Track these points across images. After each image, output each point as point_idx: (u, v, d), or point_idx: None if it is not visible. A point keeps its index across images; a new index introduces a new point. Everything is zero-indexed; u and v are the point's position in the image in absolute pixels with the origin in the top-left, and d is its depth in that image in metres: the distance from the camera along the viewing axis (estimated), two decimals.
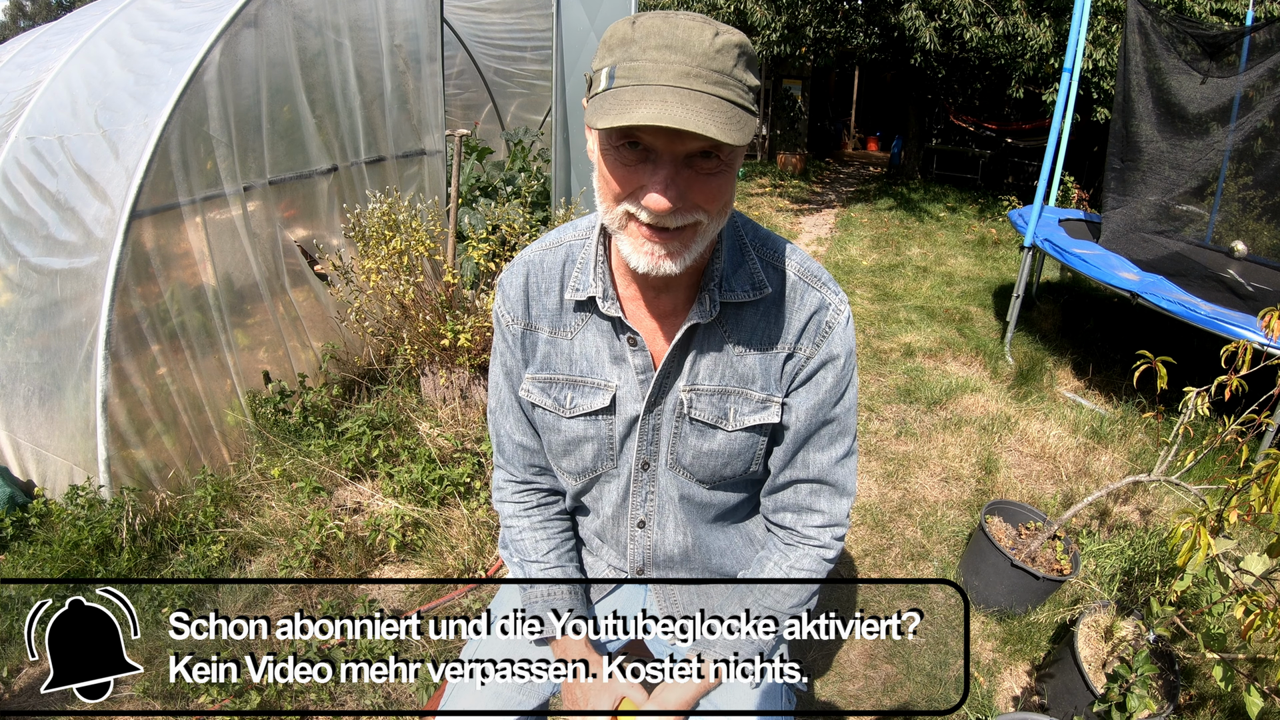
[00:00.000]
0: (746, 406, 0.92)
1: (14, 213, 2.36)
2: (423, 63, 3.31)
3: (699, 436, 0.93)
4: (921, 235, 6.81)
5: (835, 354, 0.91)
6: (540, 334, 0.95)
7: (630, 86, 0.69)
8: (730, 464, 0.96)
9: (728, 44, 0.70)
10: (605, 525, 1.05)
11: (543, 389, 0.96)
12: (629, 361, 0.92)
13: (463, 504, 2.41)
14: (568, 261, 0.93)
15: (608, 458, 0.97)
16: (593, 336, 0.93)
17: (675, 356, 0.90)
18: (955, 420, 3.26)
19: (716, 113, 0.67)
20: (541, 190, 4.18)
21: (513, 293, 0.95)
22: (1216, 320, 2.86)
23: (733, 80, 0.70)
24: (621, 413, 0.94)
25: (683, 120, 0.65)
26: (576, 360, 0.94)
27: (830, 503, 0.98)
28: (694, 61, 0.68)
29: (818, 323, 0.90)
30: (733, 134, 0.67)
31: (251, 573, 2.23)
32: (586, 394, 0.94)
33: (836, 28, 7.74)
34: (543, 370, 0.96)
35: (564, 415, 0.95)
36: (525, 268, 0.95)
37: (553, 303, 0.94)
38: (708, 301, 0.87)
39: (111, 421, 2.26)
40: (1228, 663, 1.50)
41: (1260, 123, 3.61)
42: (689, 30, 0.69)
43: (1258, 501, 1.33)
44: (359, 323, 2.88)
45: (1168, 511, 2.63)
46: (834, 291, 0.91)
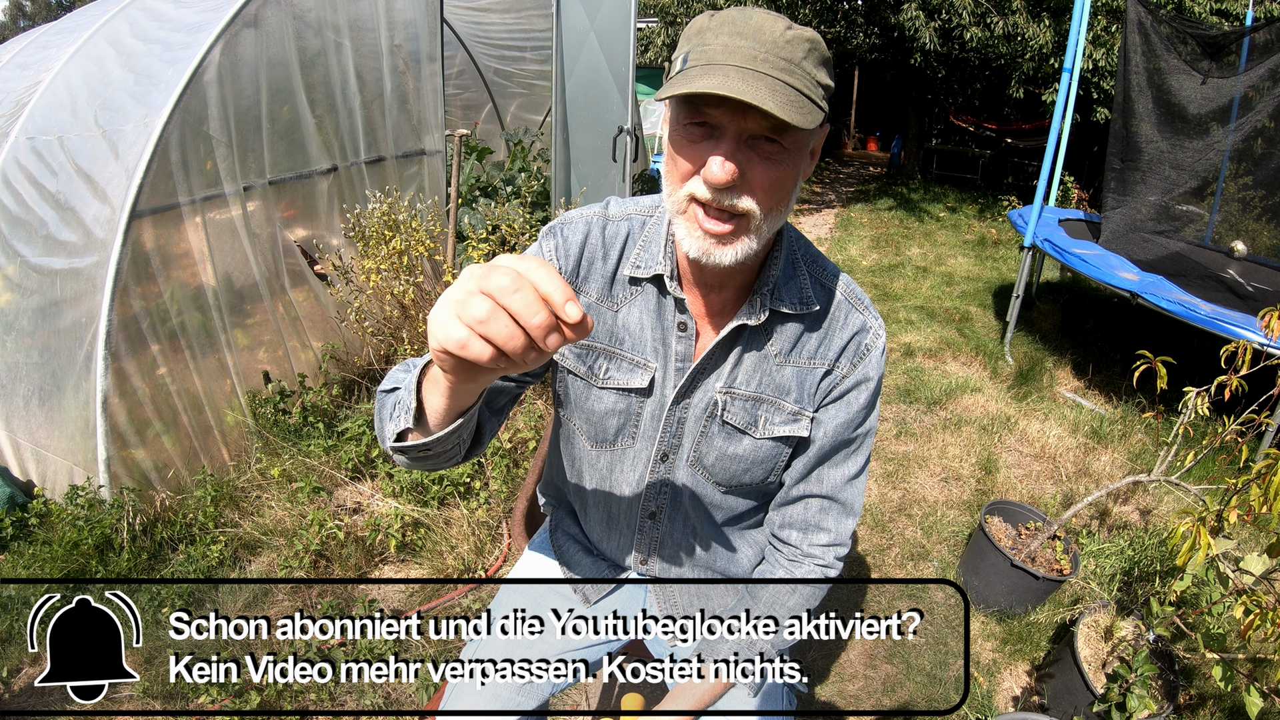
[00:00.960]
0: (778, 416, 0.93)
1: (14, 213, 2.36)
2: (423, 63, 3.31)
3: (726, 439, 0.94)
4: (921, 235, 6.81)
5: (869, 376, 0.93)
6: (585, 299, 0.93)
7: (699, 66, 0.72)
8: (751, 471, 0.96)
9: (799, 37, 0.73)
10: (617, 511, 1.04)
11: (579, 355, 0.95)
12: (671, 347, 0.92)
13: (463, 504, 2.41)
14: (630, 236, 0.93)
15: (630, 435, 0.97)
16: (639, 314, 0.92)
17: (716, 354, 0.91)
18: (955, 420, 3.26)
19: (778, 93, 0.69)
20: (541, 190, 4.18)
21: (571, 247, 0.93)
22: (1216, 320, 2.86)
23: (800, 71, 0.72)
24: (654, 396, 0.94)
25: (741, 91, 0.68)
26: (618, 333, 0.93)
27: (837, 521, 0.99)
28: (763, 48, 0.71)
29: (857, 344, 0.92)
30: (792, 114, 0.69)
31: (251, 573, 2.23)
32: (624, 369, 0.93)
33: (836, 28, 7.74)
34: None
35: (595, 384, 0.94)
36: (586, 227, 0.94)
37: (606, 271, 0.93)
38: (758, 304, 0.88)
39: (111, 421, 2.26)
40: (1228, 663, 1.50)
41: (1260, 123, 3.61)
42: (762, 20, 0.72)
43: (1258, 501, 1.33)
44: (359, 323, 2.88)
45: (1168, 511, 2.63)
46: (875, 316, 0.94)
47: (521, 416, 2.77)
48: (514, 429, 2.69)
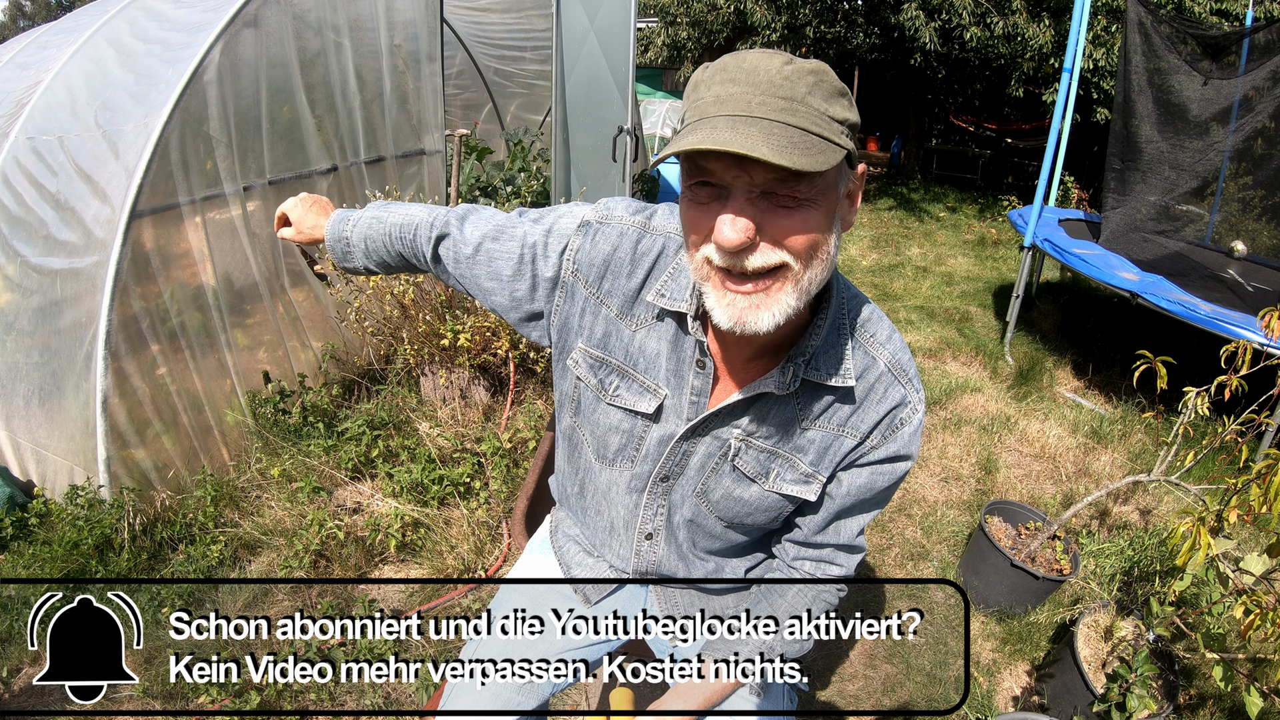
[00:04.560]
0: (790, 474, 0.90)
1: (14, 213, 2.36)
2: (422, 63, 3.31)
3: (735, 482, 0.92)
4: (921, 235, 6.81)
5: (902, 454, 0.89)
6: (606, 310, 0.90)
7: (692, 123, 0.67)
8: (754, 516, 0.95)
9: (799, 71, 0.66)
10: (614, 526, 1.04)
11: (591, 367, 0.92)
12: (687, 380, 0.87)
13: (463, 504, 2.41)
14: (663, 254, 0.87)
15: (630, 457, 0.95)
16: (656, 340, 0.88)
17: (735, 409, 0.87)
18: (955, 420, 3.26)
19: (774, 136, 0.63)
20: (541, 190, 4.18)
21: (595, 256, 0.88)
22: (1216, 320, 2.86)
23: (804, 107, 0.65)
24: (661, 424, 0.91)
25: (728, 142, 0.61)
26: (634, 354, 0.90)
27: (848, 558, 1.00)
28: (757, 91, 0.65)
29: (893, 418, 0.87)
30: (795, 157, 0.62)
31: (251, 573, 2.23)
32: (634, 390, 0.90)
33: (837, 28, 7.73)
34: (599, 348, 0.91)
35: (603, 399, 0.92)
36: (618, 239, 0.88)
37: (629, 289, 0.88)
38: (790, 374, 0.82)
39: (111, 421, 2.26)
40: (1227, 663, 1.50)
41: (1260, 123, 3.61)
42: (756, 61, 0.66)
43: (1258, 501, 1.33)
44: (359, 323, 2.88)
45: (1168, 511, 2.63)
46: (916, 390, 0.87)
47: (522, 417, 2.77)
48: (514, 429, 2.69)
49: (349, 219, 1.09)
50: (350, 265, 1.10)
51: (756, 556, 1.09)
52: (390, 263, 1.08)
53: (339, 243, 1.09)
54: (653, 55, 8.73)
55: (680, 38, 7.96)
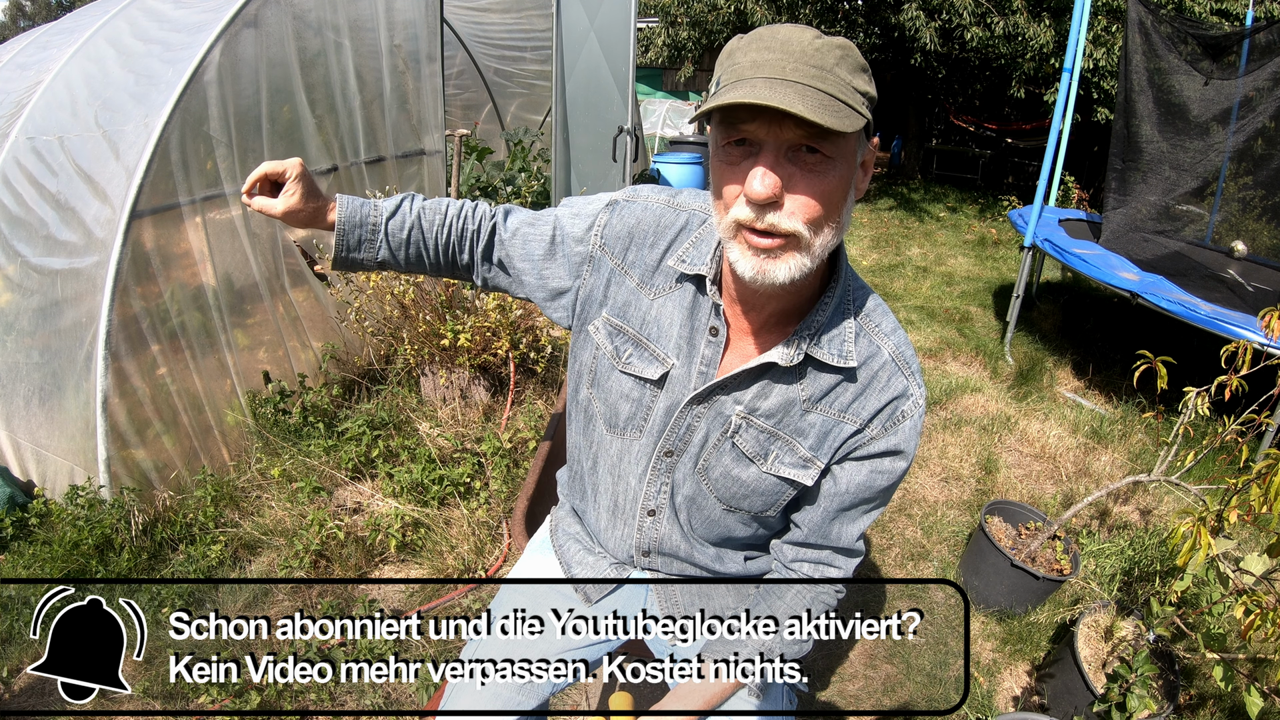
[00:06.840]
0: (788, 457, 0.91)
1: (14, 213, 2.36)
2: (422, 63, 3.31)
3: (734, 461, 0.93)
4: (921, 235, 6.81)
5: (902, 448, 0.90)
6: (629, 281, 0.94)
7: (729, 84, 0.71)
8: (750, 499, 0.95)
9: (828, 44, 0.72)
10: (619, 504, 1.04)
11: (610, 334, 0.95)
12: (698, 349, 0.90)
13: (463, 504, 2.41)
14: (686, 226, 0.92)
15: (638, 427, 0.96)
16: (672, 308, 0.92)
17: (742, 379, 0.89)
18: (955, 420, 3.26)
19: (808, 98, 0.68)
20: (541, 190, 4.18)
21: (619, 228, 0.94)
22: (1216, 320, 2.86)
23: (833, 76, 0.71)
24: (667, 391, 0.93)
25: (768, 98, 0.66)
26: (649, 322, 0.93)
27: (846, 561, 1.00)
28: (790, 58, 0.70)
29: (894, 409, 0.89)
30: (826, 116, 0.67)
31: (251, 573, 2.23)
32: (644, 358, 0.93)
33: (836, 28, 7.74)
34: (619, 316, 0.95)
35: (616, 366, 0.95)
36: (643, 211, 0.94)
37: (652, 258, 0.92)
38: (795, 346, 0.85)
39: (111, 421, 2.26)
40: (1228, 663, 1.50)
41: (1261, 124, 3.61)
42: (790, 33, 0.72)
43: (1258, 501, 1.33)
44: (359, 323, 2.88)
45: (1168, 511, 2.63)
46: (919, 384, 0.90)
47: (522, 417, 2.77)
48: (514, 429, 2.69)
49: (374, 205, 1.02)
50: (359, 256, 1.01)
51: (756, 553, 1.09)
52: (426, 252, 1.02)
53: (359, 228, 1.00)
54: (653, 55, 8.74)
55: (680, 38, 7.97)
